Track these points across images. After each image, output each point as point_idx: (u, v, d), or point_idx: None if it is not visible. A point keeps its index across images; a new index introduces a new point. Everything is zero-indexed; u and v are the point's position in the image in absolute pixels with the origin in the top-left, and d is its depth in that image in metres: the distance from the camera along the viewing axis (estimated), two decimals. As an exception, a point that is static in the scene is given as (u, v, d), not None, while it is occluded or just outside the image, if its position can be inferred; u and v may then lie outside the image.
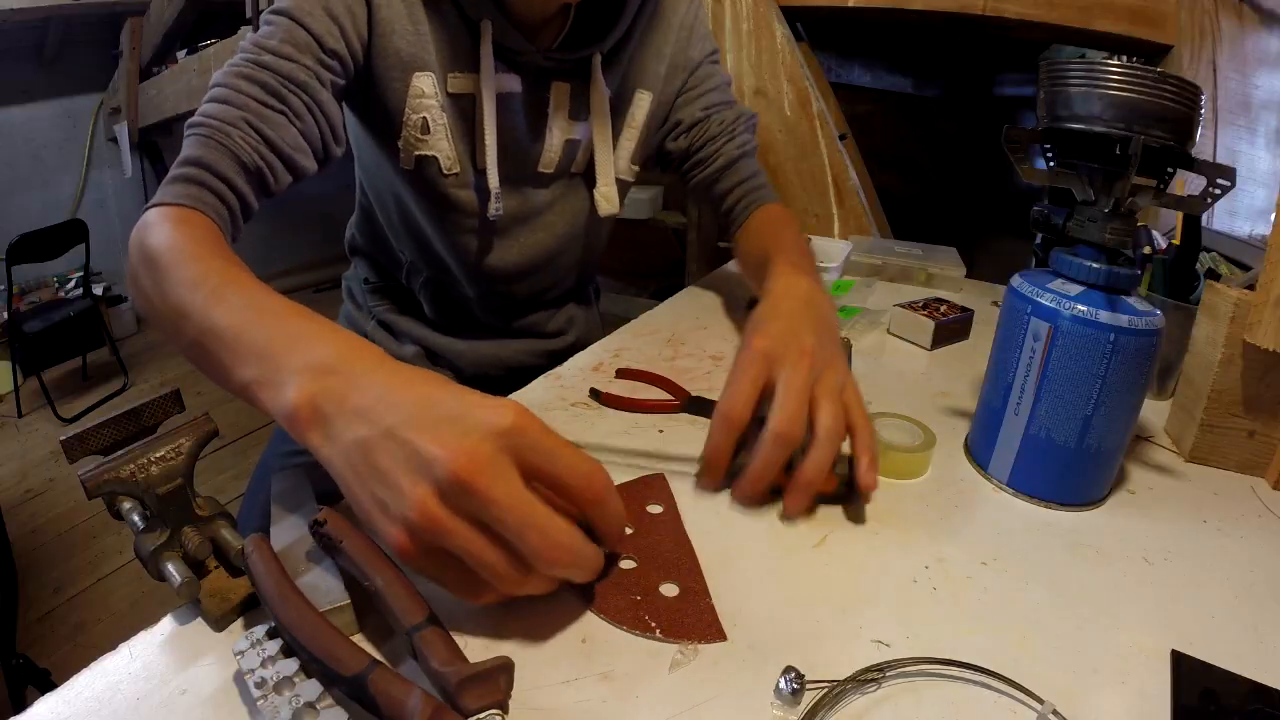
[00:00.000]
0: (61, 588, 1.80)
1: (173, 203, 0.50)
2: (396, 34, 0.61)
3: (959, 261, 0.95)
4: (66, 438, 0.38)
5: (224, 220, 0.52)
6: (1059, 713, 0.32)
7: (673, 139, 0.79)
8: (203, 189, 0.51)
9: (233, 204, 0.53)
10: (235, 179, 0.52)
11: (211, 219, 0.51)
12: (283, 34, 0.56)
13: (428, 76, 0.63)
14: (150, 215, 0.49)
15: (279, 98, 0.55)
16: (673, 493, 0.48)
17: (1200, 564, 0.44)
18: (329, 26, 0.58)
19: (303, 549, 0.39)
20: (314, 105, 0.57)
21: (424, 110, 0.64)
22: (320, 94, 0.58)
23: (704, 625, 0.37)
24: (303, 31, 0.56)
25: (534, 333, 0.84)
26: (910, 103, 2.44)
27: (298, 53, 0.56)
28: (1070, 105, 0.45)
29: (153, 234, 0.47)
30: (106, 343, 2.93)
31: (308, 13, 0.57)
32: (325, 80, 0.58)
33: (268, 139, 0.54)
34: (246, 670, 0.31)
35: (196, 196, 0.51)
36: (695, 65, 0.76)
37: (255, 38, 0.57)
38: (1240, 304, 0.51)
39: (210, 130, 0.52)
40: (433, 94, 0.64)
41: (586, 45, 0.67)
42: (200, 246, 0.46)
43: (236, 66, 0.55)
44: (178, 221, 0.48)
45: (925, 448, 0.52)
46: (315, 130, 0.58)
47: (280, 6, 0.57)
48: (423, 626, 0.31)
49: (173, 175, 0.52)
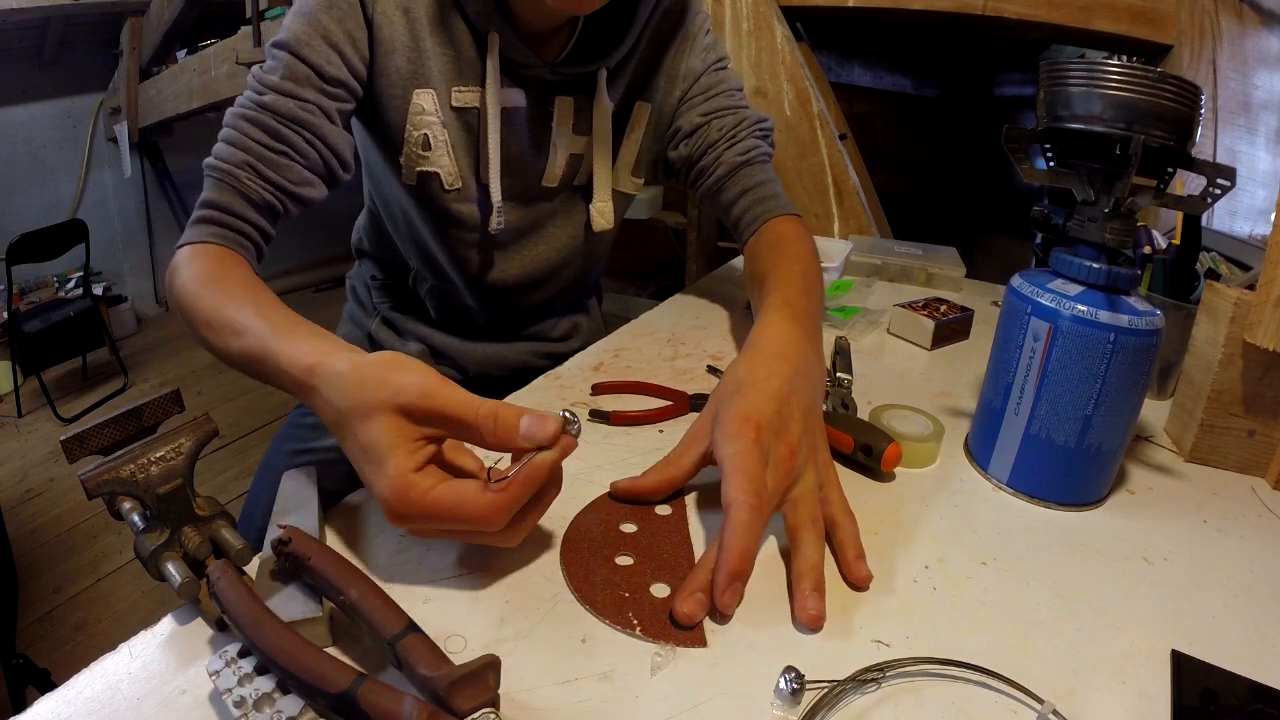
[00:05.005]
0: (61, 588, 1.80)
1: (198, 242, 0.56)
2: (397, 52, 0.62)
3: (959, 261, 0.95)
4: (66, 438, 0.39)
5: (247, 250, 0.58)
6: (1059, 713, 0.32)
7: (673, 147, 0.77)
8: (223, 228, 0.57)
9: (253, 235, 0.59)
10: (249, 214, 0.58)
11: (234, 250, 0.57)
12: (283, 69, 0.57)
13: (428, 93, 0.64)
14: (180, 254, 0.56)
15: (280, 139, 0.57)
16: (683, 496, 0.48)
17: (1200, 564, 0.44)
18: (329, 55, 0.58)
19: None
20: (317, 140, 0.59)
21: (425, 127, 0.64)
22: (323, 127, 0.59)
23: (685, 628, 0.37)
24: (302, 66, 0.57)
25: (538, 337, 0.85)
26: (910, 103, 2.44)
27: (298, 88, 0.57)
28: (1070, 105, 0.45)
29: (180, 273, 0.54)
30: (106, 343, 2.93)
31: (306, 44, 0.57)
32: (329, 110, 0.59)
33: (271, 180, 0.57)
34: (224, 690, 0.31)
35: (219, 234, 0.57)
36: (697, 74, 0.74)
37: (259, 74, 0.58)
38: (1240, 304, 0.51)
39: (221, 174, 0.57)
40: (433, 110, 0.64)
41: (592, 59, 0.67)
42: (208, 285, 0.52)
43: (242, 108, 0.58)
44: (202, 257, 0.55)
45: (936, 437, 0.54)
46: (320, 162, 0.60)
47: (281, 39, 0.58)
48: (404, 635, 0.31)
49: (196, 217, 0.58)
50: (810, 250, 0.69)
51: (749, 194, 0.74)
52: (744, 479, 0.40)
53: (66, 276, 3.14)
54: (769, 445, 0.43)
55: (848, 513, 0.44)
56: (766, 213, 0.73)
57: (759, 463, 0.41)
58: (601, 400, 0.61)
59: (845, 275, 0.93)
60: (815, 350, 0.54)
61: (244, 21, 2.53)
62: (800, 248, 0.68)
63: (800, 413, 0.46)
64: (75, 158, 3.42)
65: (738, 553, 0.38)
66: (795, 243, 0.69)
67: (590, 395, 0.62)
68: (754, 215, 0.73)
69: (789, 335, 0.53)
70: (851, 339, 0.75)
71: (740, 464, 0.41)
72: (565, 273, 0.80)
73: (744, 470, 0.41)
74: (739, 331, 0.76)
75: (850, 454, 0.52)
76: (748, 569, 0.38)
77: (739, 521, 0.38)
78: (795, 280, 0.61)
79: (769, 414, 0.44)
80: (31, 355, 2.67)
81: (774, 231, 0.71)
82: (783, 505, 0.43)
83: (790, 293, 0.59)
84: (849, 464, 0.52)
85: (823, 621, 0.38)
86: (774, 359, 0.50)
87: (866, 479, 0.51)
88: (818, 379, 0.51)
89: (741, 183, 0.74)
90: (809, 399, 0.48)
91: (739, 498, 0.39)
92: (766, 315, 0.56)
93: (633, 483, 0.47)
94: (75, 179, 3.43)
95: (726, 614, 0.38)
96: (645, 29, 0.70)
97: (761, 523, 0.39)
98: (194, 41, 3.01)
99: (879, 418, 0.56)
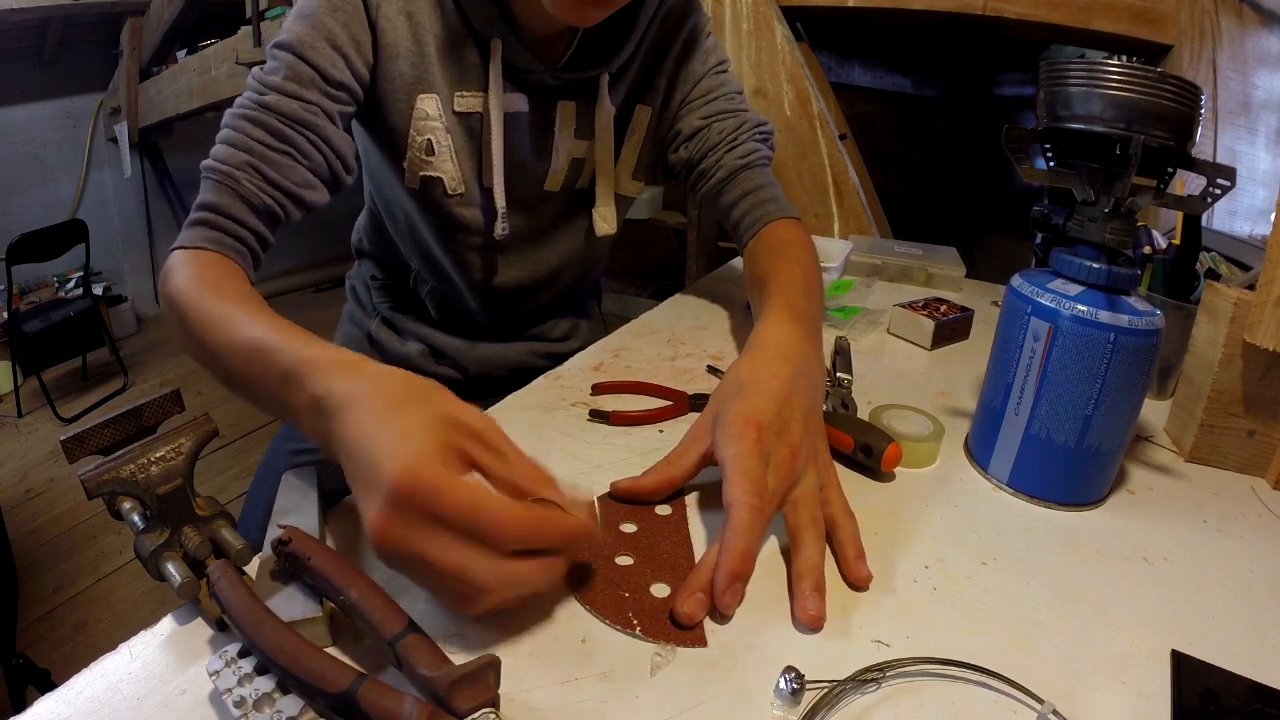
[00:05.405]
0: (61, 588, 1.80)
1: (192, 246, 0.54)
2: (400, 57, 0.61)
3: (959, 261, 0.95)
4: (66, 438, 0.39)
5: (243, 257, 0.56)
6: (1059, 713, 0.32)
7: (674, 150, 0.77)
8: (219, 232, 0.55)
9: (249, 241, 0.56)
10: (248, 219, 0.56)
11: (230, 258, 0.55)
12: (286, 70, 0.56)
13: (432, 98, 0.63)
14: (173, 258, 0.54)
15: (283, 139, 0.56)
16: (684, 496, 0.48)
17: (1200, 564, 0.44)
18: (333, 58, 0.58)
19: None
20: (320, 142, 0.58)
21: (429, 132, 0.64)
22: (326, 129, 0.58)
23: (685, 628, 0.37)
24: (306, 67, 0.57)
25: (538, 338, 0.85)
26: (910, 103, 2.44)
27: (302, 89, 0.56)
28: (1070, 105, 0.45)
29: (174, 278, 0.52)
30: (106, 343, 2.93)
31: (310, 46, 0.57)
32: (332, 113, 0.58)
33: (273, 181, 0.56)
34: (224, 690, 0.31)
35: (215, 239, 0.55)
36: (698, 78, 0.75)
37: (260, 75, 0.57)
38: (1240, 304, 0.51)
39: (220, 175, 0.55)
40: (437, 115, 0.64)
41: (593, 65, 0.67)
42: (207, 292, 0.50)
43: (243, 108, 0.56)
44: (194, 264, 0.53)
45: (936, 437, 0.54)
46: (324, 164, 0.59)
47: (283, 40, 0.57)
48: (404, 635, 0.31)
49: (192, 219, 0.55)
50: (810, 253, 0.69)
51: (749, 197, 0.74)
52: (746, 480, 0.40)
53: (66, 276, 3.14)
54: (770, 446, 0.43)
55: (848, 513, 0.44)
56: (766, 216, 0.73)
57: (760, 464, 0.41)
58: (601, 400, 0.61)
59: (845, 275, 0.93)
60: (816, 352, 0.54)
61: (244, 21, 2.53)
62: (800, 250, 0.68)
63: (801, 414, 0.46)
64: (75, 158, 3.42)
65: (739, 553, 0.38)
66: (795, 245, 0.69)
67: (590, 395, 0.62)
68: (754, 218, 0.73)
69: (790, 337, 0.53)
70: (851, 339, 0.75)
71: (742, 465, 0.41)
72: (567, 275, 0.80)
73: (746, 471, 0.41)
74: (739, 332, 0.76)
75: (850, 454, 0.52)
76: (749, 570, 0.38)
77: (740, 522, 0.38)
78: (796, 282, 0.62)
79: (770, 415, 0.44)
80: (31, 355, 2.67)
81: (774, 234, 0.71)
82: (783, 506, 0.43)
83: (791, 295, 0.59)
84: (849, 464, 0.52)
85: (823, 622, 0.38)
86: (775, 360, 0.50)
87: (866, 479, 0.51)
88: (818, 380, 0.52)
89: (741, 186, 0.74)
90: (810, 400, 0.48)
91: (741, 499, 0.39)
92: (767, 317, 0.56)
93: (633, 483, 0.47)
94: (75, 179, 3.43)
95: (727, 614, 0.38)
96: (646, 33, 0.70)
97: (763, 524, 0.39)
98: (194, 41, 3.01)
99: (879, 418, 0.56)
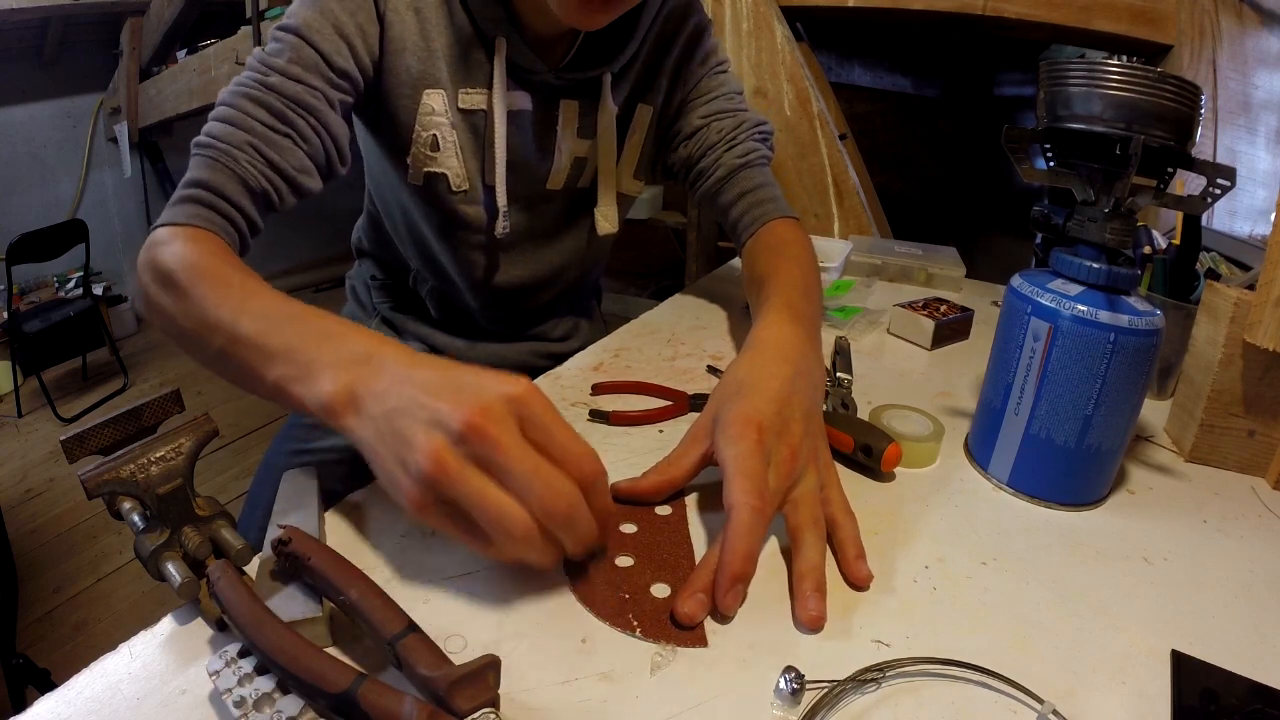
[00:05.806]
0: (61, 588, 1.80)
1: (182, 223, 0.51)
2: (408, 51, 0.61)
3: (959, 261, 0.95)
4: (66, 438, 0.39)
5: (232, 239, 0.53)
6: (1059, 713, 0.32)
7: (673, 149, 0.77)
8: (210, 211, 0.52)
9: (240, 224, 0.54)
10: (241, 201, 0.53)
11: (220, 237, 0.52)
12: (291, 53, 0.55)
13: (438, 94, 0.63)
14: (160, 234, 0.50)
15: (285, 121, 0.55)
16: (684, 497, 0.48)
17: (1200, 564, 0.44)
18: (338, 45, 0.57)
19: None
20: (320, 127, 0.57)
21: (434, 128, 0.64)
22: (327, 115, 0.57)
23: (686, 628, 0.37)
24: (311, 51, 0.56)
25: (538, 338, 0.85)
26: (910, 103, 2.44)
27: (305, 73, 0.56)
28: (1070, 105, 0.45)
29: (165, 252, 0.48)
30: (106, 343, 2.93)
31: (316, 30, 0.56)
32: (333, 100, 0.58)
33: (273, 163, 0.54)
34: (224, 690, 0.31)
35: (205, 218, 0.52)
36: (698, 78, 0.75)
37: (263, 56, 0.56)
38: (1240, 304, 0.51)
39: (216, 153, 0.53)
40: (443, 111, 0.64)
41: (596, 65, 0.67)
42: (215, 260, 0.48)
43: (243, 86, 0.55)
44: (188, 239, 0.49)
45: (936, 437, 0.54)
46: (321, 151, 0.58)
47: (289, 24, 0.57)
48: (404, 635, 0.31)
49: (180, 196, 0.52)
50: (809, 253, 0.69)
51: (747, 196, 0.74)
52: (747, 481, 0.40)
53: (66, 276, 3.14)
54: (771, 447, 0.43)
55: (848, 513, 0.44)
56: (765, 215, 0.73)
57: (761, 464, 0.41)
58: (601, 400, 0.61)
59: (845, 275, 0.93)
60: (815, 351, 0.54)
61: (244, 21, 2.53)
62: (799, 250, 0.68)
63: (801, 414, 0.46)
64: (75, 158, 3.41)
65: (740, 554, 0.38)
66: (794, 245, 0.69)
67: (590, 395, 0.62)
68: (752, 218, 0.73)
69: (789, 336, 0.53)
70: (851, 339, 0.75)
71: (743, 466, 0.41)
72: (568, 275, 0.80)
73: (746, 472, 0.40)
74: (739, 331, 0.76)
75: (850, 454, 0.52)
76: (750, 570, 0.38)
77: (741, 523, 0.38)
78: (795, 282, 0.61)
79: (770, 415, 0.44)
80: (31, 355, 2.67)
81: (772, 234, 0.71)
82: (784, 506, 0.43)
83: (790, 294, 0.59)
84: (849, 464, 0.52)
85: (823, 622, 0.38)
86: (774, 360, 0.50)
87: (866, 479, 0.51)
88: (818, 380, 0.51)
89: (740, 185, 0.74)
90: (809, 400, 0.48)
91: (742, 499, 0.39)
92: (766, 317, 0.56)
93: (633, 483, 0.47)
94: (75, 179, 3.42)
95: (728, 615, 0.38)
96: (649, 33, 0.70)
97: (764, 524, 0.39)
98: (194, 41, 3.01)
99: (879, 418, 0.56)
